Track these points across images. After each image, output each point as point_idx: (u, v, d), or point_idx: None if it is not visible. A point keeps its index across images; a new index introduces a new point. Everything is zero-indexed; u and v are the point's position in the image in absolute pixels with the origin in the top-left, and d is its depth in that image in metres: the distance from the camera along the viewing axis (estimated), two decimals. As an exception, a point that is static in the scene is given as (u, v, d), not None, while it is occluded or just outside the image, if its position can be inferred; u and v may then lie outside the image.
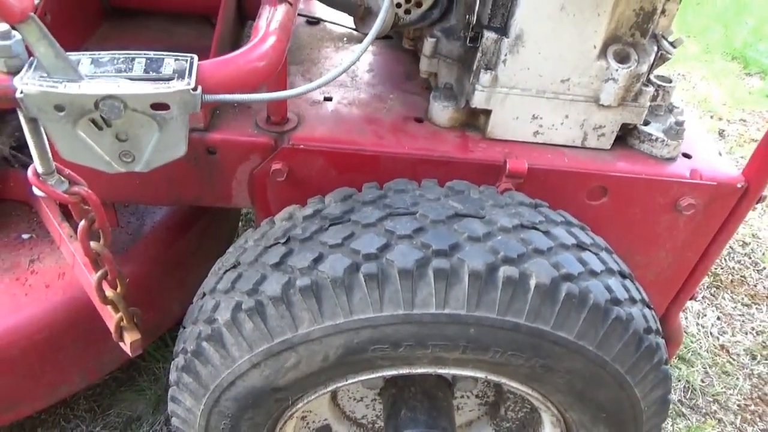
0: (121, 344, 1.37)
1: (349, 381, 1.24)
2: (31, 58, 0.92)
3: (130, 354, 1.36)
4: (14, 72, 0.90)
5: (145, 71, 0.94)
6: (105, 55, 0.95)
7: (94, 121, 0.95)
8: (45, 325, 1.58)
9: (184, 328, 1.31)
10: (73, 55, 0.93)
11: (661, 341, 1.27)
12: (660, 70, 1.57)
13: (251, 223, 2.91)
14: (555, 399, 1.30)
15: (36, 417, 2.00)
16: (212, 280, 1.29)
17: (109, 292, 1.28)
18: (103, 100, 0.91)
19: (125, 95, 0.91)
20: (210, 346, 1.19)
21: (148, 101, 0.93)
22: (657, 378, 1.26)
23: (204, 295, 1.29)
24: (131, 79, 0.93)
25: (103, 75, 0.92)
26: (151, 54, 0.97)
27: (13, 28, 0.87)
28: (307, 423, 1.67)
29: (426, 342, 1.13)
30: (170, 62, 0.96)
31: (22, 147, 1.83)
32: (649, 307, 1.27)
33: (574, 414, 1.32)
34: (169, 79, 0.94)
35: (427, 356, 1.17)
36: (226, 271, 1.26)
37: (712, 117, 4.47)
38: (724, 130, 4.29)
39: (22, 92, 0.88)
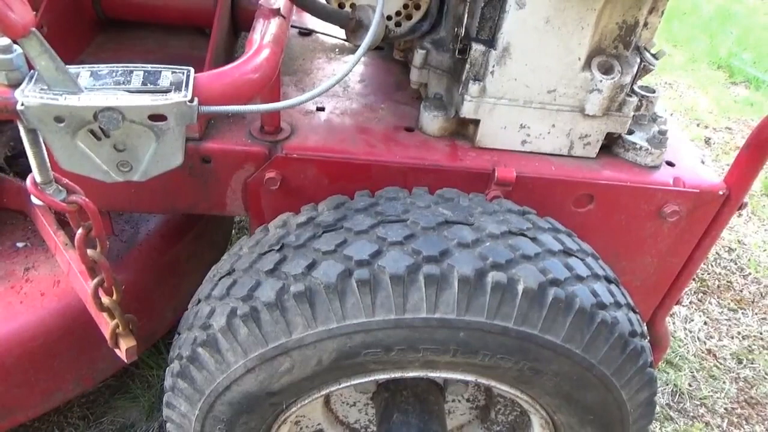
0: (116, 351, 1.39)
1: (342, 385, 1.27)
2: (32, 71, 0.94)
3: (125, 360, 1.38)
4: (15, 85, 0.92)
5: (143, 83, 0.97)
6: (104, 68, 0.98)
7: (93, 132, 0.97)
8: (40, 333, 1.59)
9: (179, 334, 1.33)
10: (73, 68, 0.96)
11: (646, 344, 1.30)
12: (646, 80, 1.61)
13: (244, 231, 2.93)
14: (543, 401, 1.33)
15: (29, 425, 2.00)
16: (207, 287, 1.31)
17: (105, 300, 1.30)
18: (102, 112, 0.94)
19: (123, 107, 0.94)
20: (205, 352, 1.21)
21: (146, 113, 0.96)
22: (642, 380, 1.29)
23: (199, 301, 1.31)
24: (129, 91, 0.96)
25: (102, 87, 0.95)
26: (149, 67, 1.00)
27: (15, 42, 0.90)
28: (301, 428, 1.69)
29: (417, 346, 1.16)
30: (167, 75, 0.99)
31: (17, 156, 1.84)
32: (634, 311, 1.31)
33: (563, 416, 1.35)
34: (167, 91, 0.97)
35: (418, 360, 1.20)
36: (221, 277, 1.28)
37: (698, 125, 4.55)
38: (710, 138, 4.37)
39: (23, 104, 0.91)
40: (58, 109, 0.92)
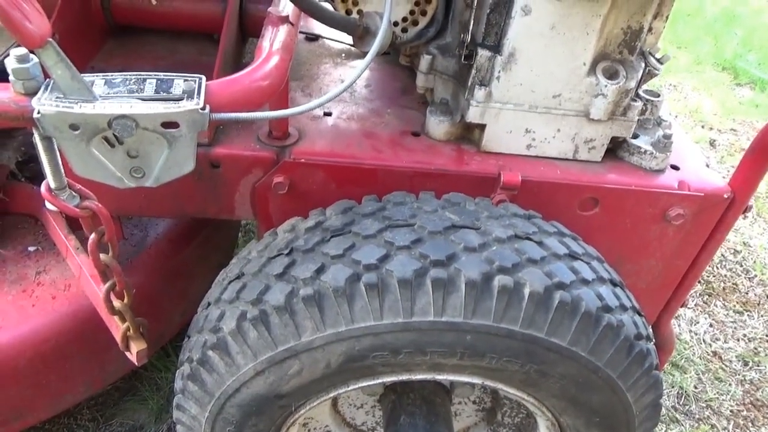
0: (127, 354, 1.41)
1: (350, 387, 1.28)
2: (47, 79, 0.96)
3: (136, 363, 1.40)
4: (31, 93, 0.94)
5: (156, 91, 0.99)
6: (117, 76, 1.00)
7: (106, 139, 0.99)
8: (51, 336, 1.61)
9: (189, 337, 1.34)
10: (88, 77, 0.98)
11: (652, 347, 1.31)
12: (650, 83, 1.62)
13: (250, 235, 2.95)
14: (549, 404, 1.34)
15: (40, 427, 2.02)
16: (217, 290, 1.33)
17: (116, 303, 1.32)
18: (116, 120, 0.96)
19: (137, 115, 0.96)
20: (215, 355, 1.22)
21: (159, 120, 0.97)
22: (648, 383, 1.30)
23: (209, 304, 1.32)
24: (143, 99, 0.97)
25: (116, 95, 0.97)
26: (162, 75, 1.01)
27: (31, 52, 0.92)
28: (309, 430, 1.71)
29: (425, 349, 1.17)
30: (180, 83, 1.00)
31: (28, 161, 1.87)
32: (639, 314, 1.31)
33: (569, 418, 1.36)
34: (179, 99, 0.98)
35: (425, 363, 1.21)
36: (231, 281, 1.30)
37: (703, 127, 4.55)
38: (715, 140, 4.37)
39: (39, 112, 0.93)
40: (74, 116, 0.94)
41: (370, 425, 1.77)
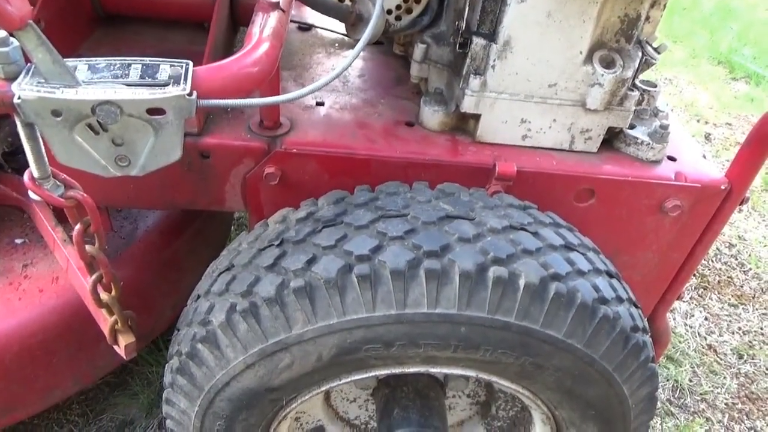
0: (115, 347, 1.38)
1: (343, 381, 1.26)
2: (29, 64, 0.93)
3: (124, 357, 1.37)
4: (12, 78, 0.91)
5: (141, 77, 0.96)
6: (101, 61, 0.97)
7: (90, 126, 0.96)
8: (39, 330, 1.58)
9: (179, 330, 1.32)
10: (70, 61, 0.95)
11: (648, 339, 1.30)
12: (646, 75, 1.60)
13: (243, 227, 2.92)
14: (545, 397, 1.32)
15: (29, 422, 2.00)
16: (206, 283, 1.30)
17: (103, 296, 1.29)
18: (100, 106, 0.93)
19: (121, 101, 0.93)
20: (205, 348, 1.20)
21: (144, 106, 0.95)
22: (644, 375, 1.29)
23: (198, 297, 1.30)
24: (127, 84, 0.95)
25: (99, 81, 0.94)
26: (147, 60, 0.98)
27: (11, 35, 0.89)
28: (301, 424, 1.69)
29: (418, 341, 1.15)
30: (166, 68, 0.97)
31: (15, 152, 1.83)
32: (635, 305, 1.30)
33: (564, 412, 1.35)
34: (165, 85, 0.96)
35: (419, 355, 1.19)
36: (220, 273, 1.27)
37: (698, 121, 4.54)
38: (710, 134, 4.36)
39: (19, 98, 0.90)
40: (56, 102, 0.91)
41: (364, 419, 1.75)
